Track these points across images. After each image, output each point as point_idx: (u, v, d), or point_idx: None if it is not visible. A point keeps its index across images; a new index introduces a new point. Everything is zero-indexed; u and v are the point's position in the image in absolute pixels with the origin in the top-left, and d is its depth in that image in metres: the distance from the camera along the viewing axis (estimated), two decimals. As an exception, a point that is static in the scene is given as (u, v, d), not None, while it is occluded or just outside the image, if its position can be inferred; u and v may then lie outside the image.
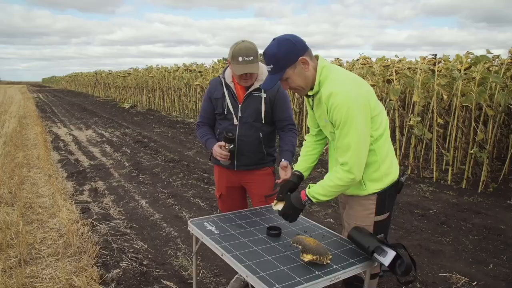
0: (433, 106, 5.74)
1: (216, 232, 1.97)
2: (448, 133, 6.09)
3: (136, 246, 3.40)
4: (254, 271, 1.57)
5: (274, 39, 1.74)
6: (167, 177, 5.70)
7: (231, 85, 2.35)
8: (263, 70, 2.28)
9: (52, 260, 3.08)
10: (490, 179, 5.22)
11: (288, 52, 1.69)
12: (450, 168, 5.47)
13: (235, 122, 2.36)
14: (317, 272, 1.57)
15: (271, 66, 1.73)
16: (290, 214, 1.87)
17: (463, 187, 5.16)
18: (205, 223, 2.09)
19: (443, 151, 5.75)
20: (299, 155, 2.15)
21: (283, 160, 2.24)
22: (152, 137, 9.25)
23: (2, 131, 9.67)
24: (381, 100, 7.04)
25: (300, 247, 1.64)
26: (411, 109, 6.34)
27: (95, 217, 3.96)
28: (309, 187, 1.83)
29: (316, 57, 1.79)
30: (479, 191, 4.97)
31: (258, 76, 2.30)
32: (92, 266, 2.93)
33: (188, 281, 2.83)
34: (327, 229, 2.08)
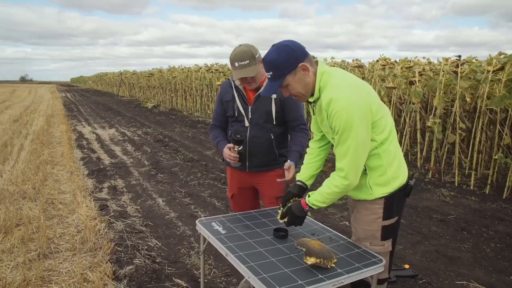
0: (455, 109, 5.58)
1: (223, 232, 1.98)
2: (472, 137, 5.90)
3: (150, 243, 3.45)
4: (256, 272, 1.56)
5: (273, 46, 1.72)
6: (185, 176, 5.76)
7: (241, 87, 2.36)
8: None
9: (69, 255, 3.17)
10: (516, 185, 5.03)
11: (287, 58, 1.67)
12: (473, 173, 5.31)
13: (246, 124, 2.37)
14: (320, 276, 1.55)
15: (271, 73, 1.71)
16: (295, 222, 1.88)
17: (487, 192, 4.99)
18: (213, 223, 2.09)
19: (462, 157, 5.58)
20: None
21: (288, 160, 2.24)
22: (173, 137, 9.37)
23: (30, 129, 10.01)
24: (402, 103, 6.90)
25: (304, 249, 1.62)
26: (433, 112, 6.18)
27: (112, 214, 4.05)
28: (309, 196, 1.84)
29: (316, 62, 1.76)
30: (504, 197, 4.80)
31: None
32: (106, 262, 2.99)
33: (199, 280, 2.84)
34: (336, 232, 2.05)
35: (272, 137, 2.38)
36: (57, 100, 22.69)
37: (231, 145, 2.30)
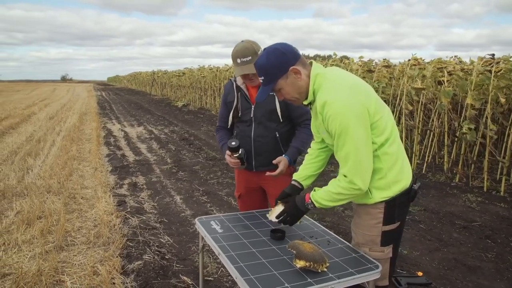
0: (487, 110, 5.31)
1: (220, 231, 1.96)
2: (505, 140, 5.60)
3: (162, 240, 3.48)
4: (244, 273, 1.53)
5: (264, 49, 1.69)
6: (205, 174, 5.80)
7: (243, 87, 2.33)
8: None
9: (84, 248, 3.26)
10: (551, 192, 4.73)
11: (277, 62, 1.63)
12: (504, 178, 5.03)
13: (250, 123, 2.34)
14: (309, 280, 1.50)
15: (262, 77, 1.67)
16: (291, 215, 1.81)
17: (518, 199, 4.72)
18: (212, 222, 2.08)
19: (498, 158, 5.29)
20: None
21: (283, 155, 2.22)
22: (198, 135, 9.48)
23: (63, 126, 10.43)
24: (431, 103, 6.65)
25: (294, 252, 1.57)
26: (463, 113, 5.91)
27: (128, 210, 4.13)
28: (314, 190, 1.76)
29: (311, 63, 1.70)
30: (537, 205, 4.52)
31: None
32: (116, 257, 3.05)
33: (206, 278, 2.85)
34: (335, 235, 1.98)
35: (277, 135, 2.34)
36: (92, 98, 23.52)
37: (229, 152, 2.28)
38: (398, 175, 1.69)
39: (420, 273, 2.90)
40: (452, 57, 8.08)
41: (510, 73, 5.28)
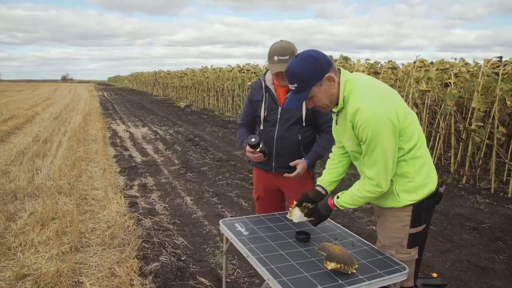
0: (494, 113, 5.34)
1: (245, 233, 1.99)
2: (512, 142, 5.64)
3: (176, 241, 3.51)
4: (276, 275, 1.57)
5: (296, 56, 1.69)
6: (214, 176, 5.83)
7: (271, 87, 2.36)
8: None
9: (99, 249, 3.28)
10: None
11: (313, 70, 1.64)
12: (511, 179, 5.06)
13: (276, 123, 2.37)
14: (340, 281, 1.53)
15: (295, 85, 1.67)
16: (316, 222, 1.91)
17: (526, 201, 4.75)
18: (236, 224, 2.11)
19: (505, 160, 5.33)
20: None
21: (302, 158, 2.29)
22: (204, 136, 9.50)
23: (68, 126, 10.45)
24: (436, 105, 6.69)
25: (324, 254, 1.61)
26: (469, 115, 5.95)
27: (141, 211, 4.16)
28: (338, 197, 1.83)
29: (339, 70, 1.72)
30: (544, 206, 4.56)
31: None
32: (133, 258, 3.08)
33: (223, 279, 2.87)
34: (359, 237, 2.02)
35: (299, 138, 2.37)
36: (94, 98, 23.53)
37: (250, 149, 2.31)
38: (425, 179, 1.72)
39: (434, 274, 2.93)
40: (454, 58, 8.12)
41: (517, 75, 5.33)
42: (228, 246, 2.15)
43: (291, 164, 2.25)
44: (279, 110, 2.35)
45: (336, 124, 1.83)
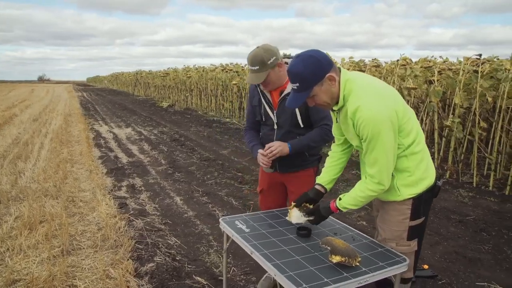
0: (475, 108, 5.51)
1: (247, 230, 2.01)
2: (491, 136, 5.82)
3: (169, 241, 3.50)
4: (282, 270, 1.59)
5: (297, 56, 1.71)
6: (202, 175, 5.81)
7: (265, 91, 2.36)
8: None
9: (91, 252, 3.24)
10: (537, 186, 4.95)
11: (315, 69, 1.67)
12: (492, 173, 5.23)
13: (274, 127, 2.39)
14: (345, 274, 1.57)
15: (297, 84, 1.70)
16: (316, 222, 1.95)
17: (507, 193, 4.92)
18: (236, 222, 2.12)
19: (486, 155, 5.50)
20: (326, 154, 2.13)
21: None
22: (189, 136, 9.45)
23: (49, 128, 10.22)
24: (422, 102, 6.84)
25: (329, 248, 1.64)
26: (451, 111, 6.11)
27: (131, 212, 4.12)
28: (340, 199, 1.86)
29: (339, 69, 1.76)
30: (524, 198, 4.73)
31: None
32: (128, 259, 3.05)
33: (219, 278, 2.89)
34: (358, 231, 2.06)
35: None
36: (74, 99, 23.06)
37: (263, 151, 2.32)
38: (424, 173, 1.78)
39: (426, 266, 3.02)
40: (432, 56, 8.33)
41: (496, 73, 5.51)
42: (229, 244, 2.16)
43: (267, 145, 2.28)
44: (275, 113, 2.37)
45: (337, 122, 1.87)
